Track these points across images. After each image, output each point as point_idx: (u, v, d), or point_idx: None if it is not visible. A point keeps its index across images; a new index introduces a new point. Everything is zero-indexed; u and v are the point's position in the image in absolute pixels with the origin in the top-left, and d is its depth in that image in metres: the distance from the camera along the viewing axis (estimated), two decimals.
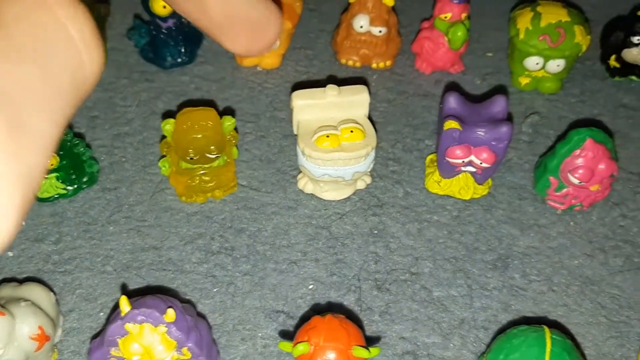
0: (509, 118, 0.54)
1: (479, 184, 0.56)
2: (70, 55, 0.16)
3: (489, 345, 0.46)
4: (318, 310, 0.49)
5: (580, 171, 0.52)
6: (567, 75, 0.65)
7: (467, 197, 0.56)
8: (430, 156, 0.58)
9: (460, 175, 0.55)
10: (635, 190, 0.57)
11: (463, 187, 0.56)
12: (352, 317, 0.48)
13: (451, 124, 0.52)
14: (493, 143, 0.52)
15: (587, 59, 0.69)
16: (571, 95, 0.65)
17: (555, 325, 0.48)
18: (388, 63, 0.67)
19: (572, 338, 0.47)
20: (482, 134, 0.52)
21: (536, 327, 0.42)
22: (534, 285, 0.51)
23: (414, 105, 0.64)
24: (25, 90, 0.14)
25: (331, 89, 0.53)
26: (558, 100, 0.65)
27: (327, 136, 0.51)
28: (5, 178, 0.13)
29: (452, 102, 0.54)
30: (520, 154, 0.60)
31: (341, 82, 0.65)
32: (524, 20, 0.63)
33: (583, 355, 0.46)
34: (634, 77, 0.66)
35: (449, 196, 0.56)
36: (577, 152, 0.52)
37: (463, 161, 0.53)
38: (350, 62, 0.67)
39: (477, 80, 0.67)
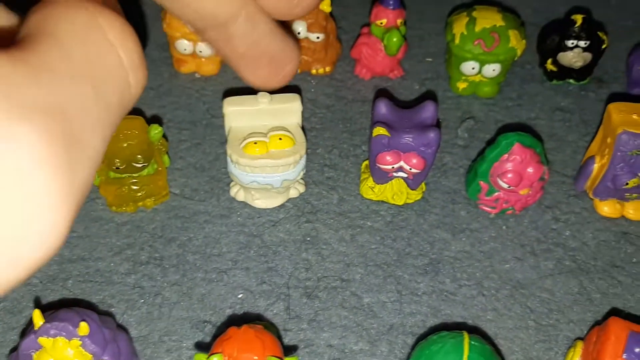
0: (438, 124, 0.54)
1: (412, 189, 0.56)
2: (119, 77, 0.16)
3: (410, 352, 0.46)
4: (247, 319, 0.49)
5: (509, 175, 0.52)
6: (504, 79, 0.65)
7: (401, 203, 0.56)
8: (366, 162, 0.58)
9: (393, 181, 0.55)
10: (569, 193, 0.58)
11: (396, 192, 0.56)
12: (279, 326, 0.48)
13: (379, 131, 0.52)
14: (422, 149, 0.52)
15: (526, 62, 0.70)
16: (508, 99, 0.66)
17: (476, 331, 0.48)
18: (327, 69, 0.67)
19: (493, 344, 0.47)
20: (410, 140, 0.52)
21: (456, 333, 0.42)
22: (464, 290, 0.51)
23: (353, 111, 0.64)
24: (80, 108, 0.15)
25: (262, 96, 0.53)
26: (495, 104, 0.65)
27: (255, 143, 0.51)
28: (59, 192, 0.14)
29: (382, 108, 0.54)
30: (456, 159, 0.60)
31: (279, 89, 0.64)
32: (459, 26, 0.63)
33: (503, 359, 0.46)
34: (571, 81, 0.67)
35: (383, 202, 0.56)
36: (506, 156, 0.52)
37: (393, 167, 0.53)
38: None
39: (416, 85, 0.67)
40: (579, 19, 0.62)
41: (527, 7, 0.76)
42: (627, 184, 0.53)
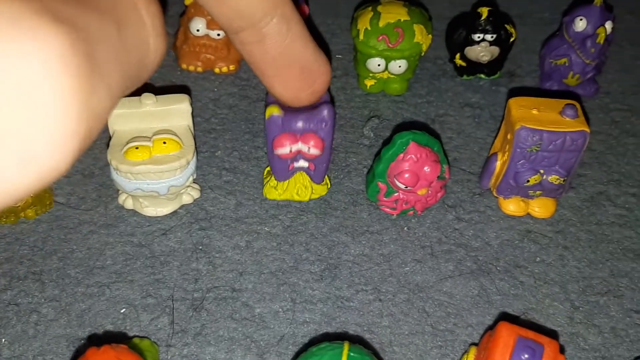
0: (331, 101, 0.52)
1: (317, 183, 0.54)
2: (141, 38, 0.17)
3: None
4: (128, 336, 0.46)
5: (406, 175, 0.51)
6: (412, 76, 0.64)
7: (306, 198, 0.54)
8: (268, 168, 0.56)
9: (296, 176, 0.53)
10: (474, 191, 0.56)
11: (300, 187, 0.53)
12: (161, 341, 0.45)
13: (273, 110, 0.49)
14: (318, 126, 0.50)
15: (438, 58, 0.68)
16: (417, 96, 0.64)
17: (358, 340, 0.46)
18: (232, 67, 0.64)
19: (375, 353, 0.45)
20: (304, 119, 0.49)
21: (337, 344, 0.40)
22: (361, 296, 0.49)
23: (257, 111, 0.62)
24: (104, 39, 0.15)
25: (146, 97, 0.50)
26: (404, 101, 0.64)
27: (137, 148, 0.48)
28: (76, 103, 0.13)
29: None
30: (360, 159, 0.58)
31: (182, 89, 0.62)
32: (363, 21, 0.61)
33: None
34: (482, 76, 0.66)
35: (283, 206, 0.54)
36: (401, 156, 0.51)
37: (291, 150, 0.50)
38: (192, 67, 0.64)
39: None
40: (484, 11, 0.60)
41: (445, 1, 0.75)
42: (528, 180, 0.52)
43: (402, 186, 0.51)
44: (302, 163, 0.52)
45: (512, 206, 0.55)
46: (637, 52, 0.71)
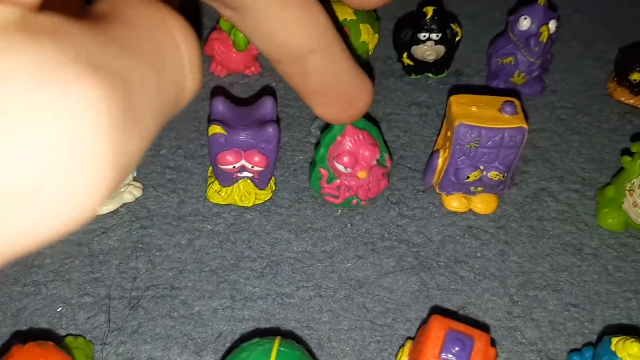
0: (277, 119, 0.52)
1: (261, 189, 0.54)
2: (179, 75, 0.16)
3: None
4: (65, 334, 0.46)
5: (345, 158, 0.51)
6: None
7: (250, 204, 0.54)
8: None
9: (240, 182, 0.53)
10: (417, 188, 0.57)
11: (244, 194, 0.54)
12: (97, 340, 0.45)
13: (215, 129, 0.49)
14: (262, 145, 0.50)
15: (388, 57, 0.68)
16: None
17: (292, 336, 0.46)
18: None
19: (309, 349, 0.45)
20: (249, 136, 0.50)
21: (268, 339, 0.40)
22: (302, 292, 0.49)
23: (204, 110, 0.61)
24: (141, 84, 0.14)
25: None
26: None
27: None
28: (109, 155, 0.13)
29: (219, 106, 0.51)
30: (307, 157, 0.58)
31: None
32: None
33: None
34: (430, 75, 0.66)
35: (227, 204, 0.54)
36: (339, 138, 0.51)
37: (234, 167, 0.51)
38: None
39: (272, 82, 0.65)
40: (429, 11, 0.61)
41: (395, 0, 0.75)
42: (468, 177, 0.52)
43: (342, 168, 0.51)
44: (246, 173, 0.52)
45: (454, 202, 0.55)
46: (585, 51, 0.72)
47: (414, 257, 0.52)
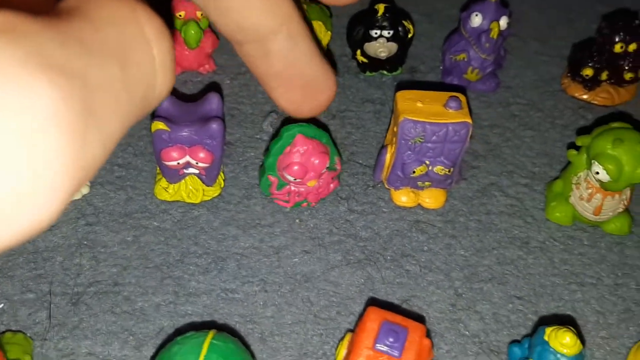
0: (223, 115, 0.52)
1: (208, 186, 0.54)
2: (148, 73, 0.16)
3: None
4: (4, 330, 0.45)
5: (295, 168, 0.51)
6: None
7: (197, 201, 0.54)
8: None
9: (187, 179, 0.53)
10: (367, 184, 0.57)
11: (191, 190, 0.54)
12: (38, 336, 0.45)
13: (157, 125, 0.49)
14: (207, 141, 0.50)
15: (343, 55, 0.69)
16: None
17: (227, 330, 0.46)
18: None
19: (246, 344, 0.45)
20: (193, 132, 0.50)
21: (202, 332, 0.40)
22: (246, 287, 0.49)
23: (156, 108, 0.61)
24: (103, 84, 0.14)
25: None
26: None
27: None
28: (68, 157, 0.13)
29: (164, 102, 0.51)
30: (258, 154, 0.58)
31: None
32: None
33: (254, 358, 0.44)
34: (384, 72, 0.66)
35: (175, 201, 0.54)
36: (289, 148, 0.51)
37: (179, 163, 0.51)
38: None
39: (227, 80, 0.65)
40: (380, 8, 0.61)
41: None
42: (414, 171, 0.53)
43: (291, 178, 0.51)
44: (193, 170, 0.52)
45: (403, 197, 0.55)
46: (540, 48, 0.73)
47: (361, 251, 0.52)
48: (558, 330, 0.40)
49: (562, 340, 0.40)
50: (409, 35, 0.63)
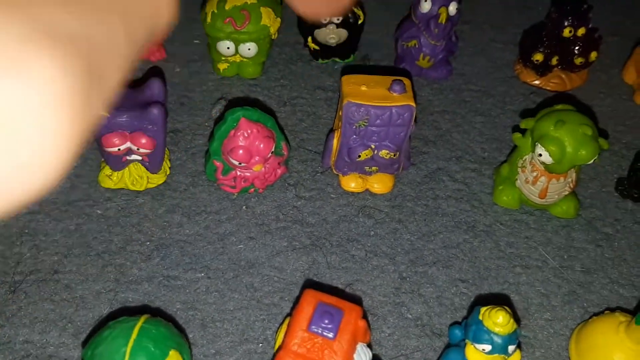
0: (164, 101, 0.52)
1: (153, 173, 0.53)
2: (149, 15, 0.16)
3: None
4: None
5: (239, 152, 0.51)
6: (266, 59, 0.64)
7: (142, 188, 0.53)
8: None
9: (130, 166, 0.52)
10: (316, 170, 0.57)
11: (136, 178, 0.53)
12: None
13: None
14: (148, 127, 0.50)
15: (297, 42, 0.68)
16: (272, 79, 0.64)
17: (161, 315, 0.46)
18: None
19: (181, 329, 0.45)
20: (133, 118, 0.49)
21: (134, 318, 0.40)
22: (189, 274, 0.49)
23: None
24: (107, 41, 0.14)
25: None
26: (258, 84, 0.64)
27: None
28: (69, 129, 0.13)
29: None
30: (206, 141, 0.58)
31: None
32: (211, 4, 0.61)
33: (188, 342, 0.44)
34: (337, 59, 0.66)
35: (120, 188, 0.53)
36: (233, 132, 0.51)
37: (120, 149, 0.50)
38: None
39: (177, 67, 0.64)
40: None
41: None
42: (359, 156, 0.52)
43: (236, 163, 0.51)
44: (135, 156, 0.51)
45: (351, 183, 0.55)
46: (495, 35, 0.73)
47: (307, 237, 0.52)
48: (491, 310, 0.40)
49: (496, 320, 0.40)
50: (359, 22, 0.63)
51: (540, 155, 0.50)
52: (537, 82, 0.67)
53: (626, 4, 0.80)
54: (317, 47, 0.65)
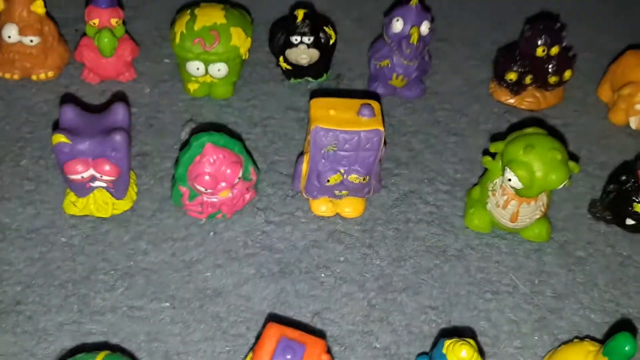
0: (128, 126, 0.51)
1: (118, 199, 0.52)
2: None
3: None
4: None
5: (205, 178, 0.50)
6: (238, 79, 0.63)
7: (107, 215, 0.52)
8: None
9: (95, 192, 0.52)
10: (286, 193, 0.56)
11: (101, 204, 0.52)
12: None
13: (58, 138, 0.48)
14: (112, 154, 0.49)
15: (270, 62, 0.68)
16: (243, 100, 0.64)
17: (123, 348, 0.45)
18: (50, 74, 0.62)
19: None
20: (96, 145, 0.48)
21: (93, 353, 0.39)
22: (154, 304, 0.48)
23: None
24: None
25: None
26: (229, 105, 0.63)
27: None
28: None
29: (68, 114, 0.50)
30: (175, 164, 0.57)
31: None
32: (180, 24, 0.60)
33: None
34: (310, 79, 0.66)
35: (85, 215, 0.53)
36: (198, 158, 0.50)
37: (83, 177, 0.49)
38: (8, 75, 0.62)
39: (146, 88, 0.64)
40: (300, 14, 0.60)
41: (278, 4, 0.75)
42: (328, 180, 0.52)
43: (202, 189, 0.50)
44: (100, 183, 0.51)
45: (322, 207, 0.55)
46: (469, 52, 0.72)
47: (276, 263, 0.51)
48: (455, 344, 0.39)
49: (459, 354, 0.39)
50: (331, 42, 0.63)
51: (510, 179, 0.50)
52: (511, 100, 0.66)
53: (601, 20, 0.80)
54: (289, 67, 0.64)
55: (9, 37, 0.60)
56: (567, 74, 0.64)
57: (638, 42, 0.74)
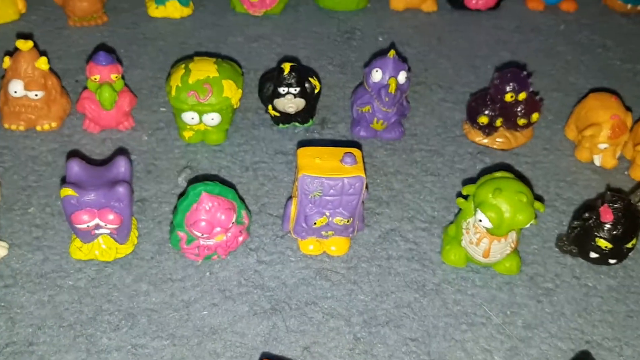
0: (130, 178, 0.55)
1: (121, 244, 0.57)
2: None
3: None
4: None
5: (202, 224, 0.54)
6: (229, 126, 0.68)
7: (111, 259, 0.57)
8: None
9: (100, 238, 0.56)
10: (276, 234, 0.60)
11: (105, 249, 0.56)
12: None
13: (66, 192, 0.52)
14: (115, 204, 0.53)
15: (260, 108, 0.72)
16: (235, 145, 0.68)
17: None
18: (53, 125, 0.67)
19: None
20: (101, 197, 0.53)
21: None
22: (156, 342, 0.52)
23: None
24: None
25: None
26: (222, 150, 0.68)
27: None
28: None
29: (74, 167, 0.54)
30: (172, 209, 0.61)
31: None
32: (175, 78, 0.65)
33: None
34: (297, 124, 0.70)
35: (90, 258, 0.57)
36: (195, 206, 0.54)
37: (88, 225, 0.53)
38: (14, 127, 0.66)
39: (144, 136, 0.68)
40: (286, 67, 0.65)
41: (271, 53, 0.79)
42: (315, 222, 0.56)
43: (199, 234, 0.55)
44: (104, 230, 0.55)
45: (310, 246, 0.59)
46: (445, 95, 0.77)
47: (268, 301, 0.55)
48: None
49: None
50: (316, 91, 0.67)
51: (481, 220, 0.55)
52: (484, 141, 0.71)
53: (568, 60, 0.85)
54: (277, 114, 0.69)
55: (15, 92, 0.64)
56: (535, 116, 0.69)
57: (604, 82, 0.80)
